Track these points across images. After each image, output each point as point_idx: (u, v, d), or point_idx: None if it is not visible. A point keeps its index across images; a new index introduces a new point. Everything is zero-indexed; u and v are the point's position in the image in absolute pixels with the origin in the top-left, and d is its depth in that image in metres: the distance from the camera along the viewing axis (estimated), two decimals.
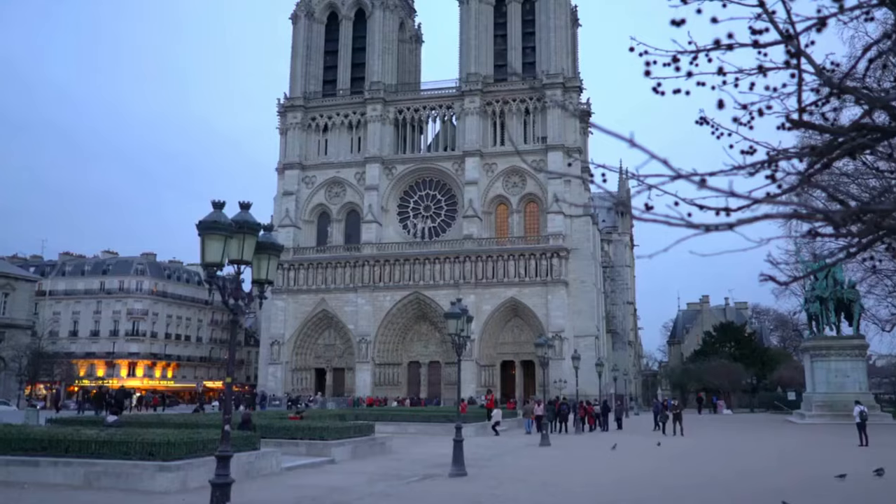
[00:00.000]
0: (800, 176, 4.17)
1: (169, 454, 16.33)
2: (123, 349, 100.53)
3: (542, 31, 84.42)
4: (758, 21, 3.96)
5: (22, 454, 17.14)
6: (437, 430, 36.29)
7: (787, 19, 3.92)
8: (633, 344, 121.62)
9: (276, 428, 25.07)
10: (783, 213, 3.62)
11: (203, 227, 11.02)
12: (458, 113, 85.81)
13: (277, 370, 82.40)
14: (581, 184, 77.93)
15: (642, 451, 29.52)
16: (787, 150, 4.33)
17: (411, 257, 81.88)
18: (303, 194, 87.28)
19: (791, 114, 4.30)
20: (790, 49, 3.88)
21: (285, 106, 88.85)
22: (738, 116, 4.43)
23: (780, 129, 4.37)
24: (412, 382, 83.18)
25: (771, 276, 4.89)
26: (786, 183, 3.92)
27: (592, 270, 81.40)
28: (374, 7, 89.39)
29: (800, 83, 4.04)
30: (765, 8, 3.89)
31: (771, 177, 3.89)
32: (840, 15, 4.00)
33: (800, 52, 3.91)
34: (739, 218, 3.19)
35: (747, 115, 4.35)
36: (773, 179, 3.87)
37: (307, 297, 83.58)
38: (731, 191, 3.11)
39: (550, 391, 54.93)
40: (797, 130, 4.53)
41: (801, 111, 4.19)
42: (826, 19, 3.92)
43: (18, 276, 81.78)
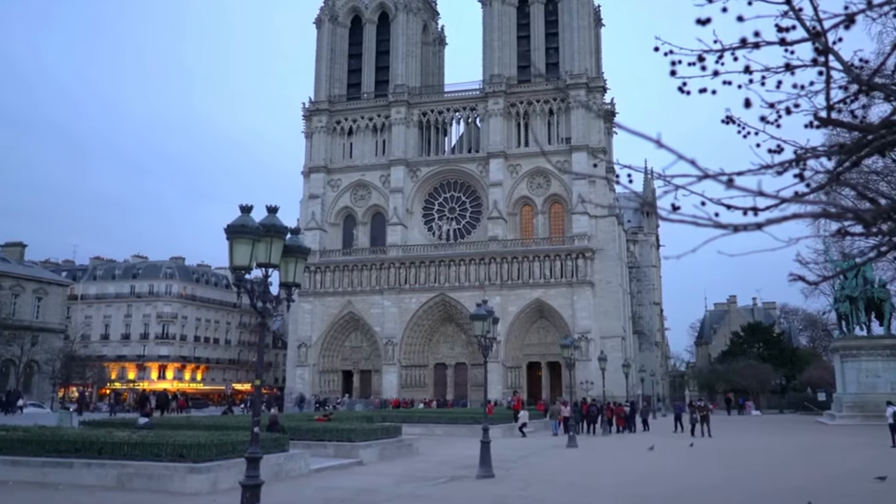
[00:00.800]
0: (829, 174, 4.13)
1: (199, 456, 16.52)
2: (154, 352, 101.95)
3: (565, 31, 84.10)
4: (784, 19, 3.93)
5: (56, 455, 17.44)
6: (464, 431, 36.31)
7: (815, 16, 3.89)
8: (660, 345, 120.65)
9: (304, 430, 25.24)
10: (812, 213, 3.59)
11: (231, 231, 11.15)
12: (482, 114, 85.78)
13: (305, 372, 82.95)
14: (606, 184, 77.50)
15: (670, 452, 29.26)
16: (816, 148, 4.29)
17: (436, 259, 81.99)
18: (328, 197, 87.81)
19: (819, 112, 4.26)
20: (818, 46, 3.85)
21: (310, 110, 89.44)
22: (766, 115, 4.40)
23: (808, 127, 4.33)
24: (438, 384, 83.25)
25: (800, 276, 4.85)
26: (814, 182, 3.89)
27: (618, 271, 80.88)
28: (398, 10, 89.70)
29: (828, 80, 4.00)
30: (791, 5, 3.86)
31: (799, 175, 3.86)
32: (868, 11, 3.96)
33: (827, 50, 3.87)
34: (768, 217, 3.17)
35: (774, 113, 4.32)
36: (802, 178, 3.84)
37: (333, 300, 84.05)
38: (760, 190, 3.10)
39: (577, 392, 54.64)
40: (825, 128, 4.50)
41: (830, 109, 4.14)
42: (854, 16, 3.88)
43: (51, 281, 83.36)
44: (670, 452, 28.73)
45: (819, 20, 3.88)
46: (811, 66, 3.98)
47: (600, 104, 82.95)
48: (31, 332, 75.84)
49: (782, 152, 4.25)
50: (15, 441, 18.09)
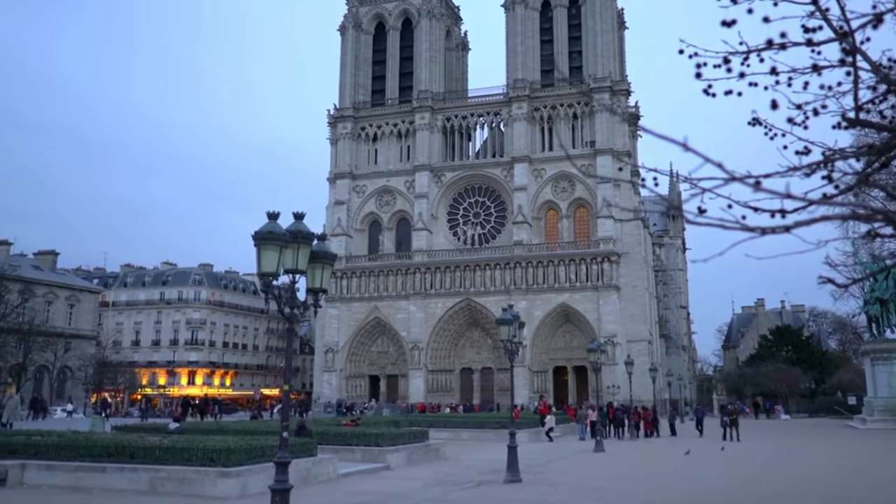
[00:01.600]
0: (857, 175, 4.10)
1: (229, 460, 16.68)
2: (183, 358, 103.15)
3: (588, 35, 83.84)
4: (811, 19, 3.91)
5: (90, 460, 17.70)
6: (491, 436, 36.25)
7: (842, 16, 3.87)
8: (687, 348, 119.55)
9: (332, 434, 25.36)
10: (841, 214, 3.57)
11: (259, 237, 11.25)
12: (506, 119, 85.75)
13: (332, 377, 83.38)
14: (631, 188, 77.12)
15: (697, 456, 28.93)
16: (844, 149, 4.26)
17: (462, 264, 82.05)
18: (354, 203, 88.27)
19: (847, 112, 4.23)
20: (845, 46, 3.83)
21: (335, 116, 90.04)
22: (793, 116, 4.38)
23: (835, 128, 4.30)
24: (465, 389, 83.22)
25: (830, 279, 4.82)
26: (843, 183, 3.86)
27: (644, 274, 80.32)
28: (421, 16, 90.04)
29: (856, 81, 3.98)
30: (818, 5, 3.85)
31: (827, 177, 3.84)
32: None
33: (855, 50, 3.85)
34: (797, 220, 3.16)
35: (802, 115, 4.30)
36: (830, 180, 3.82)
37: (360, 305, 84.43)
38: (788, 192, 3.08)
39: (603, 397, 54.32)
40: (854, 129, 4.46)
41: (858, 109, 4.12)
42: (882, 15, 3.85)
43: (83, 288, 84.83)
44: (698, 456, 28.42)
45: (846, 20, 3.86)
46: (839, 67, 3.96)
47: (624, 107, 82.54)
48: (64, 338, 77.17)
49: (810, 154, 4.23)
50: (50, 446, 18.41)
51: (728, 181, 3.24)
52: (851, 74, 3.95)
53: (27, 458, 18.02)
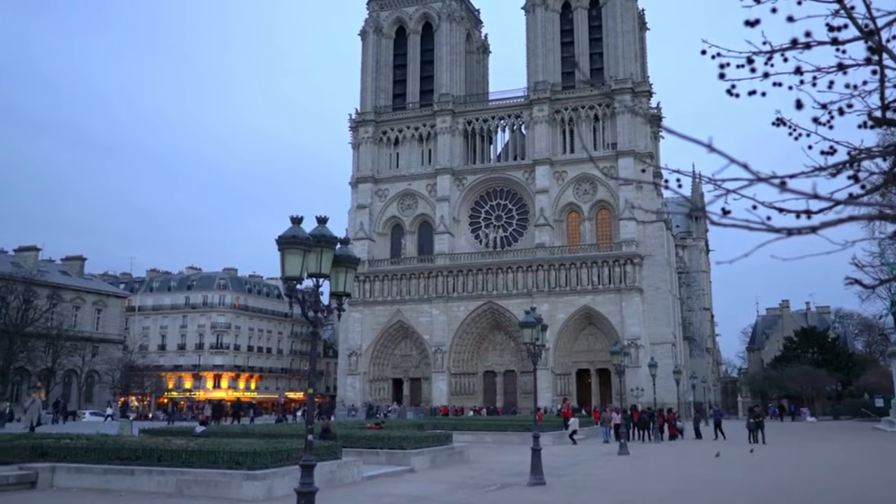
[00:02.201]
0: (884, 175, 4.05)
1: (255, 463, 16.80)
2: (209, 362, 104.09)
3: (609, 36, 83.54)
4: (836, 17, 3.88)
5: (118, 463, 17.91)
6: (514, 439, 36.17)
7: (867, 14, 3.84)
8: (711, 351, 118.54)
9: (356, 437, 25.44)
10: (868, 215, 3.54)
11: (282, 242, 11.32)
12: (527, 122, 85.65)
13: (356, 381, 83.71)
14: (653, 189, 76.66)
15: (724, 459, 28.62)
16: (870, 148, 4.22)
17: (484, 267, 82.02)
18: (376, 207, 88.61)
19: (873, 111, 4.19)
20: (871, 45, 3.80)
21: (356, 121, 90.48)
22: (818, 116, 4.34)
23: (861, 127, 4.26)
24: (488, 392, 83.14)
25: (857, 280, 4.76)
26: (869, 183, 3.83)
27: (667, 277, 79.78)
28: (441, 20, 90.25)
29: (882, 79, 3.94)
30: (843, 4, 3.82)
31: (854, 177, 3.80)
32: None
33: (881, 48, 3.82)
34: (823, 220, 3.13)
35: (827, 114, 4.26)
36: (856, 179, 3.78)
37: (383, 309, 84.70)
38: (815, 193, 3.06)
39: (627, 399, 53.97)
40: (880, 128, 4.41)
41: (885, 108, 4.08)
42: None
43: (110, 293, 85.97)
44: (723, 459, 28.12)
45: (872, 18, 3.82)
46: (864, 66, 3.92)
47: (646, 109, 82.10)
48: (91, 343, 78.26)
49: (835, 154, 4.19)
50: (79, 449, 18.66)
51: (753, 182, 3.23)
52: (877, 73, 3.92)
53: (57, 461, 18.28)
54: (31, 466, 17.85)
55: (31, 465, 17.90)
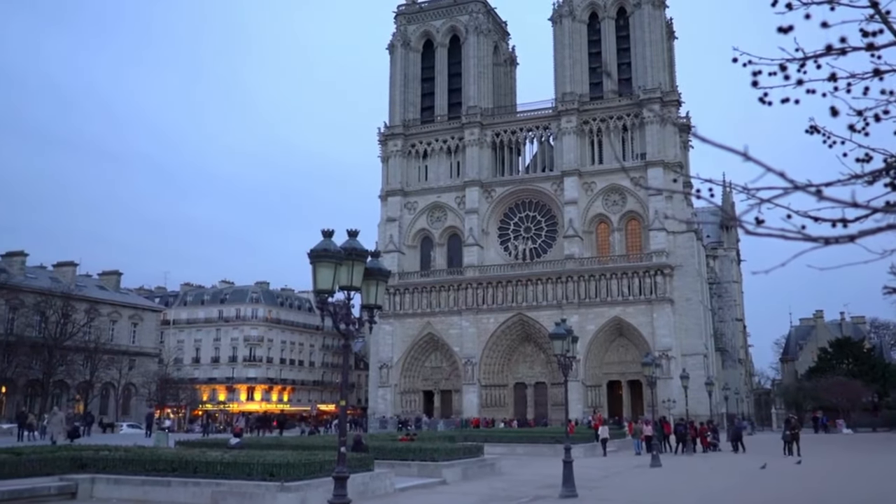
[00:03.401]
0: None
1: (289, 475, 16.92)
2: (242, 374, 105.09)
3: (637, 46, 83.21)
4: (870, 23, 3.86)
5: (155, 474, 18.17)
6: (545, 451, 35.97)
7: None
8: (744, 362, 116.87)
9: (388, 449, 25.50)
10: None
11: (314, 255, 11.44)
12: (555, 133, 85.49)
13: (387, 393, 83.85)
14: (683, 199, 76.03)
15: (757, 471, 28.11)
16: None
17: (513, 279, 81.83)
18: (405, 220, 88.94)
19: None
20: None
21: (385, 134, 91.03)
22: (853, 123, 4.31)
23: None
24: (518, 403, 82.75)
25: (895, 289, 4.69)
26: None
27: (698, 287, 78.89)
28: (469, 33, 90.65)
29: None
30: (877, 9, 3.80)
31: (891, 184, 3.77)
32: None
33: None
34: (861, 229, 3.11)
35: (862, 121, 4.23)
36: (894, 187, 3.74)
37: (413, 321, 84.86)
38: (854, 201, 3.03)
39: (659, 411, 53.37)
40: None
41: None
42: None
43: (145, 307, 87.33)
44: (756, 472, 27.61)
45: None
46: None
47: (675, 118, 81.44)
48: (128, 356, 79.52)
49: (871, 161, 4.15)
50: (117, 460, 18.97)
51: (788, 190, 3.21)
52: None
53: (96, 473, 18.60)
54: (71, 477, 18.19)
55: (72, 477, 18.23)
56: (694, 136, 3.23)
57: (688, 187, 70.61)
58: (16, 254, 74.77)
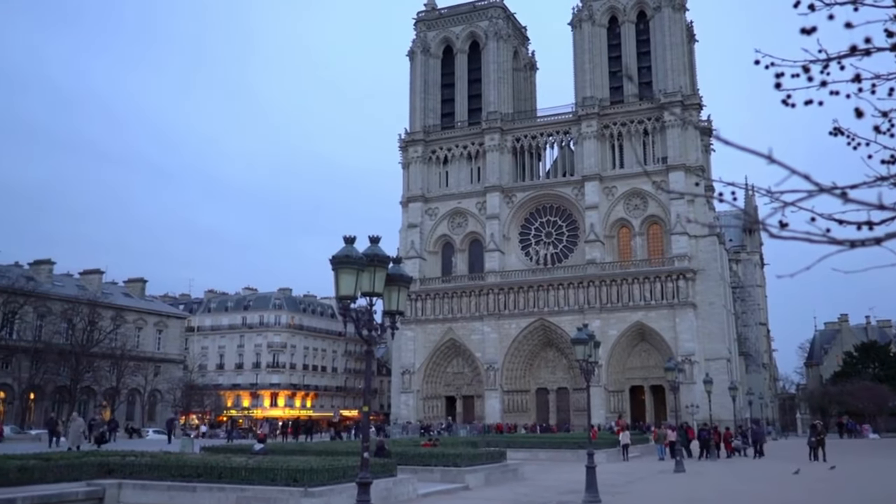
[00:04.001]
0: None
1: (312, 480, 17.00)
2: (265, 380, 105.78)
3: (657, 49, 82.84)
4: (895, 23, 3.83)
5: (181, 480, 18.34)
6: (568, 456, 35.81)
7: None
8: (768, 366, 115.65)
9: (411, 455, 25.53)
10: None
11: (336, 261, 11.48)
12: (576, 137, 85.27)
13: (409, 398, 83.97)
14: (705, 203, 75.46)
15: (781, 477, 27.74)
16: None
17: (535, 284, 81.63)
18: (426, 226, 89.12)
19: None
20: None
21: (406, 141, 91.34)
22: (878, 124, 4.27)
23: None
24: (540, 409, 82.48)
25: None
26: None
27: (721, 291, 78.21)
28: (488, 38, 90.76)
29: None
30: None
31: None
32: None
33: None
34: (887, 232, 3.09)
35: (887, 122, 4.19)
36: None
37: (435, 327, 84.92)
38: (881, 203, 3.01)
39: (682, 416, 52.94)
40: None
41: None
42: None
43: (170, 314, 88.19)
44: (780, 477, 27.23)
45: None
46: None
47: (696, 121, 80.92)
48: (153, 362, 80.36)
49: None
50: (143, 466, 19.17)
51: (814, 193, 3.19)
52: None
53: (123, 478, 18.79)
54: (98, 483, 18.39)
55: (99, 482, 18.43)
56: (717, 140, 3.22)
57: (710, 191, 70.35)
58: (43, 262, 75.90)
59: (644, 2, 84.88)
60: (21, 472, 17.11)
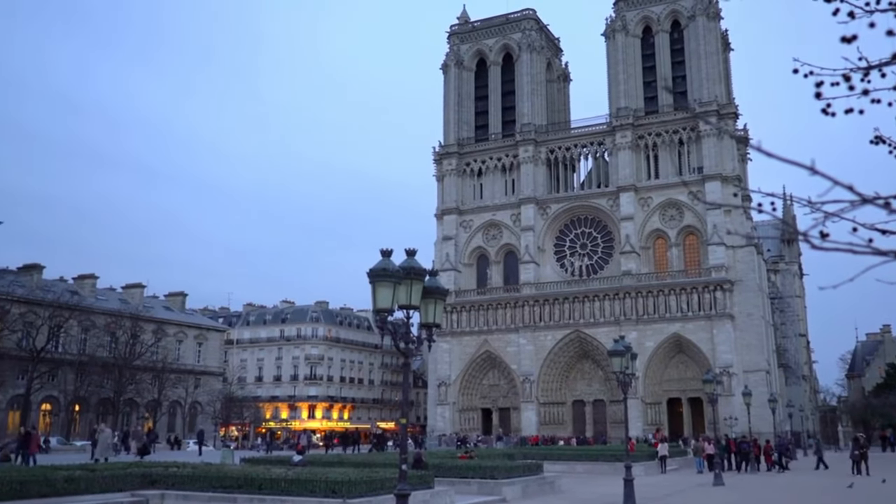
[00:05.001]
0: None
1: (351, 492, 17.13)
2: (303, 392, 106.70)
3: (692, 58, 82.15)
4: None
5: (221, 491, 18.62)
6: (605, 469, 35.52)
7: None
8: (808, 378, 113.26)
9: (448, 467, 25.53)
10: None
11: (374, 274, 11.61)
12: (610, 148, 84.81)
13: (445, 410, 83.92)
14: (742, 213, 74.46)
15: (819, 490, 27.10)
16: None
17: (570, 296, 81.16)
18: (461, 238, 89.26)
19: None
20: None
21: (440, 153, 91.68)
22: None
23: None
24: (577, 421, 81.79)
25: None
26: None
27: (759, 302, 76.89)
28: (521, 50, 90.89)
29: None
30: None
31: None
32: None
33: None
34: None
35: None
36: None
37: (470, 339, 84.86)
38: None
39: (721, 429, 52.09)
40: None
41: None
42: None
43: (210, 327, 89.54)
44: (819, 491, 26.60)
45: None
46: None
47: (733, 131, 79.90)
48: (193, 374, 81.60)
49: None
50: (185, 477, 19.50)
51: (856, 204, 3.18)
52: None
53: (166, 489, 19.15)
54: (142, 493, 18.76)
55: (143, 493, 18.81)
56: (758, 151, 3.23)
57: (746, 201, 69.32)
58: (87, 276, 77.69)
59: (678, 11, 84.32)
60: (68, 482, 17.53)
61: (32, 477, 17.26)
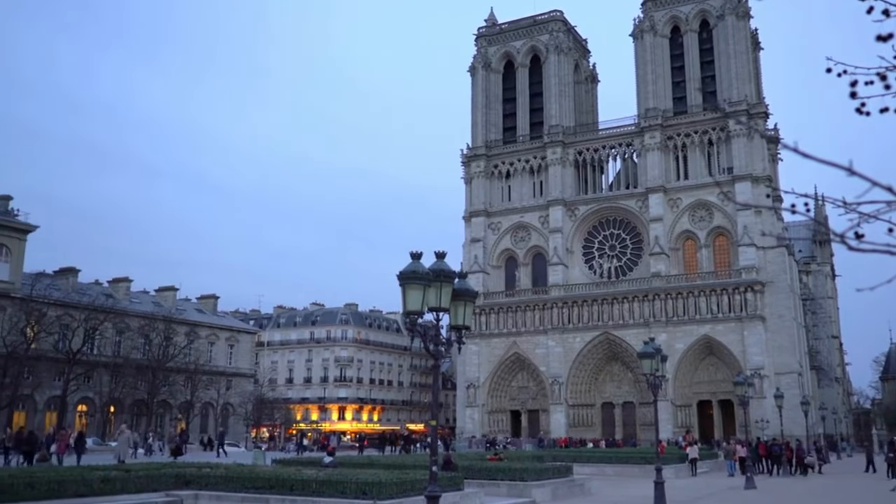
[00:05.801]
0: None
1: (381, 493, 17.22)
2: (333, 394, 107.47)
3: (721, 58, 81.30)
4: None
5: (254, 491, 18.85)
6: (635, 471, 35.32)
7: None
8: (841, 380, 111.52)
9: (477, 469, 25.55)
10: None
11: (403, 277, 11.68)
12: (639, 149, 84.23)
13: (474, 412, 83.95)
14: (773, 213, 73.46)
15: (886, 496, 26.61)
16: None
17: (599, 297, 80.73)
18: (489, 240, 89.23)
19: None
20: None
21: (468, 156, 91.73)
22: None
23: None
24: (606, 423, 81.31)
25: None
26: None
27: (791, 304, 75.81)
28: (549, 52, 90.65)
29: None
30: None
31: None
32: None
33: None
34: None
35: None
36: None
37: (499, 341, 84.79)
38: None
39: (752, 431, 51.38)
40: None
41: None
42: None
43: (241, 329, 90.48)
44: (877, 496, 26.12)
45: None
46: None
47: (763, 131, 78.92)
48: (225, 377, 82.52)
49: None
50: (218, 478, 19.76)
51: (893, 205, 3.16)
52: None
53: (199, 489, 19.41)
54: (176, 494, 19.05)
55: (177, 493, 19.09)
56: (795, 152, 3.23)
57: (777, 201, 68.31)
58: (121, 280, 79.00)
59: (707, 11, 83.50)
60: (104, 482, 17.85)
61: (70, 477, 17.62)
